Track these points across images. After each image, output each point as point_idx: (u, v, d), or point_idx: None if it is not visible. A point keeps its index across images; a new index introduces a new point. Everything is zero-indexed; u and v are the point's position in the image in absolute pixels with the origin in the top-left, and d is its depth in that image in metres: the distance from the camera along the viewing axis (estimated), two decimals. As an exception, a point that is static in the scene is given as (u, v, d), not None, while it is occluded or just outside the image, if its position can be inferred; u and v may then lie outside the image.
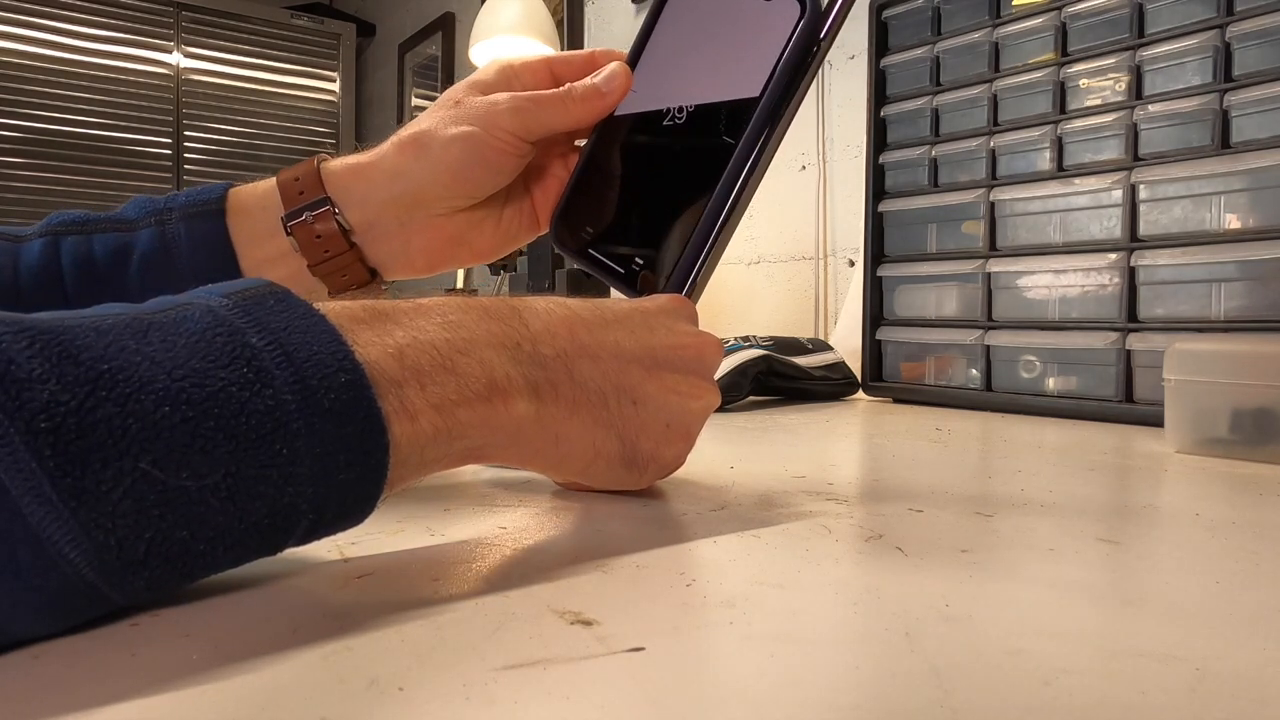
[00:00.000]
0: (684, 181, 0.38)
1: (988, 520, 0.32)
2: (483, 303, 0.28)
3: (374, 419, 0.22)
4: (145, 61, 2.88)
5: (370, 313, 0.25)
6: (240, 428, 0.20)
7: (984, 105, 0.81)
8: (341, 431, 0.21)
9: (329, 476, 0.21)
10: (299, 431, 0.21)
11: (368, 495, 0.23)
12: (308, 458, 0.21)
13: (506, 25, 1.65)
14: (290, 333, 0.22)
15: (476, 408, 0.25)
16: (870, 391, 0.90)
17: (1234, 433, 0.49)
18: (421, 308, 0.27)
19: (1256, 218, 0.64)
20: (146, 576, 0.19)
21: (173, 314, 0.21)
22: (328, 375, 0.21)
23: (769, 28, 0.36)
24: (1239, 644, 0.20)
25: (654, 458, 0.32)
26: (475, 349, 0.26)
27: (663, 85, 0.38)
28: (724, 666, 0.18)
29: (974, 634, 0.20)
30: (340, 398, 0.21)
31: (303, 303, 0.23)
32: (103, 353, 0.19)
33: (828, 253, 1.36)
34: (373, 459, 0.22)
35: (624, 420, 0.30)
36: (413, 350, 0.24)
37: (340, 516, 0.23)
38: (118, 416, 0.18)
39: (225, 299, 0.22)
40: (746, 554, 0.27)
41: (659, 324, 0.33)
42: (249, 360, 0.20)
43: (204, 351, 0.20)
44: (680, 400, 0.32)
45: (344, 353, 0.22)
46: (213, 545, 0.20)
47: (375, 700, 0.16)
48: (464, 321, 0.27)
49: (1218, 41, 0.65)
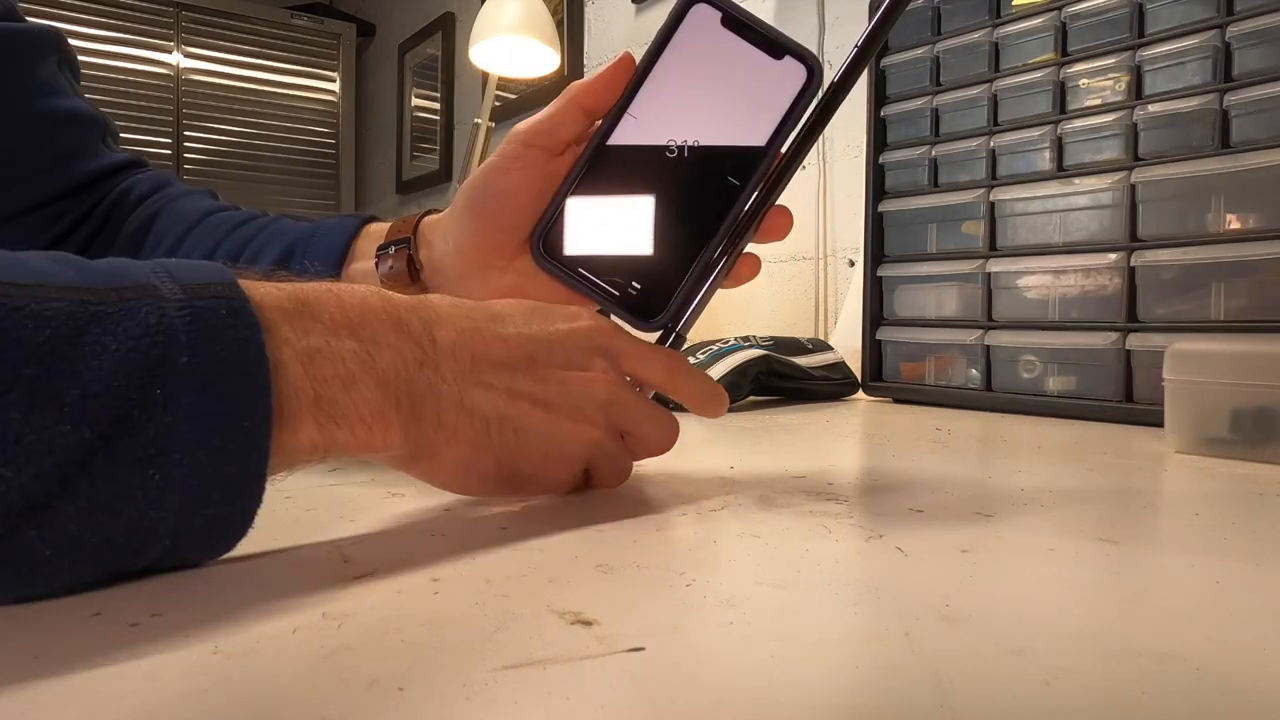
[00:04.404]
0: (685, 214, 0.38)
1: (988, 520, 0.32)
2: (399, 312, 0.29)
3: (259, 467, 0.23)
4: (145, 61, 2.88)
5: (297, 304, 0.26)
6: (123, 449, 0.20)
7: (984, 105, 0.81)
8: (222, 471, 0.22)
9: (196, 509, 0.22)
10: (179, 462, 0.21)
11: (233, 532, 0.24)
12: (179, 488, 0.21)
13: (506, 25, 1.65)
14: (220, 361, 0.22)
15: (356, 431, 0.26)
16: (870, 391, 0.90)
17: (1234, 433, 0.49)
18: (342, 303, 0.27)
19: (1256, 218, 0.64)
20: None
21: (119, 306, 0.21)
22: (235, 416, 0.22)
23: (775, 84, 0.37)
24: (1239, 644, 0.20)
25: (532, 478, 0.33)
26: (376, 365, 0.27)
27: (664, 117, 0.38)
28: (724, 666, 0.18)
29: (974, 634, 0.20)
30: (236, 442, 0.22)
31: (250, 320, 0.23)
32: (33, 352, 0.19)
33: (828, 253, 1.36)
34: (245, 500, 0.23)
35: (503, 446, 0.31)
36: (322, 357, 0.25)
37: (201, 546, 0.23)
38: (15, 423, 0.19)
39: (182, 293, 0.23)
40: (746, 554, 0.27)
41: (570, 354, 0.33)
42: (166, 380, 0.21)
43: (129, 369, 0.21)
44: (563, 433, 0.32)
45: (261, 392, 0.23)
46: (60, 553, 0.20)
47: (375, 700, 0.16)
48: (377, 333, 0.28)
49: (1218, 41, 0.65)
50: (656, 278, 0.38)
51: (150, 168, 0.59)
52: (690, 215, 0.38)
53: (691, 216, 0.38)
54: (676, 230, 0.38)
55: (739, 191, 0.38)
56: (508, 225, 0.41)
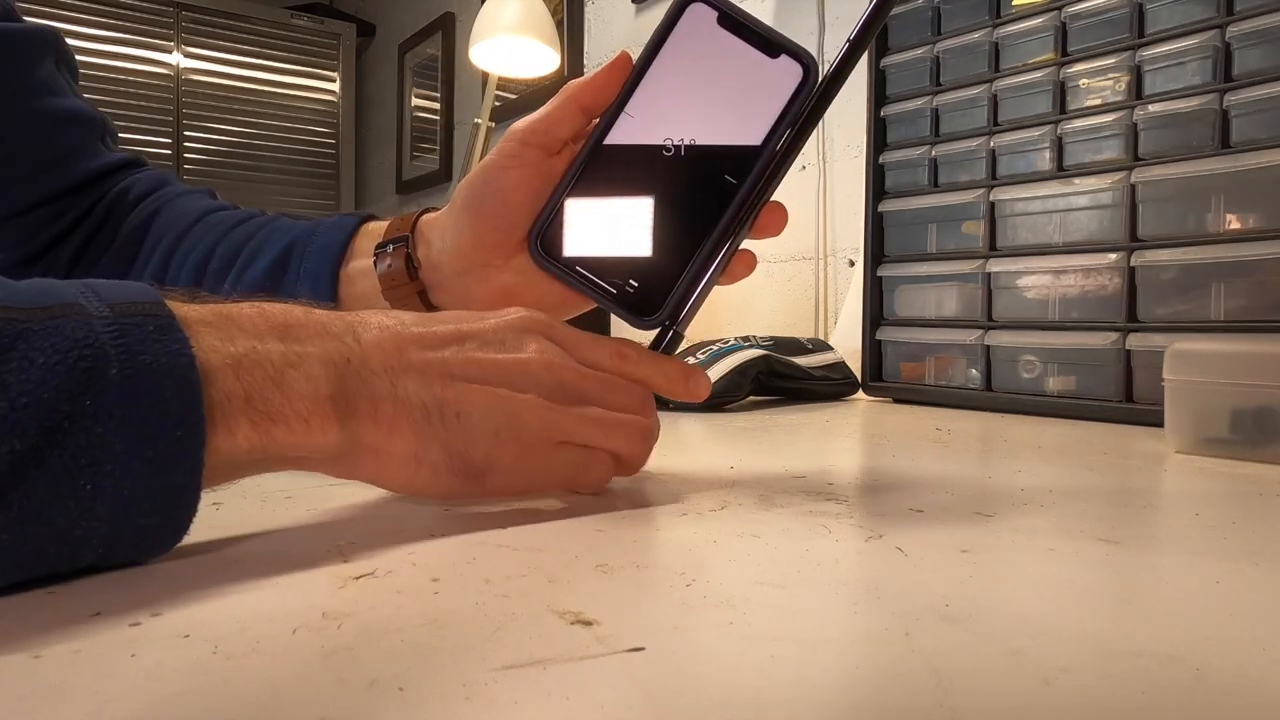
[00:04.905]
0: (682, 212, 0.38)
1: (988, 520, 0.32)
2: (321, 317, 0.29)
3: (193, 476, 0.23)
4: (145, 61, 2.88)
5: (220, 317, 0.26)
6: (54, 460, 0.21)
7: (984, 105, 0.81)
8: (155, 481, 0.22)
9: (129, 519, 0.22)
10: (110, 473, 0.21)
11: (167, 540, 0.24)
12: (111, 498, 0.22)
13: (506, 25, 1.65)
14: (150, 372, 0.22)
15: (294, 426, 0.26)
16: (870, 391, 0.90)
17: (1234, 433, 0.49)
18: (265, 313, 0.28)
19: (1256, 218, 0.64)
20: None
21: (47, 324, 0.22)
22: (167, 425, 0.22)
23: (772, 82, 0.37)
24: (1239, 644, 0.20)
25: (491, 465, 0.31)
26: (306, 363, 0.27)
27: (661, 116, 0.39)
28: (724, 666, 0.18)
29: (974, 634, 0.20)
30: (168, 451, 0.22)
31: (178, 335, 0.24)
32: None
33: (828, 253, 1.36)
34: (179, 509, 0.23)
35: (449, 432, 0.30)
36: (249, 361, 0.26)
37: (134, 552, 0.24)
38: None
39: (110, 311, 0.23)
40: (746, 554, 0.27)
41: (503, 339, 0.33)
42: (98, 394, 0.21)
43: (57, 381, 0.21)
44: (509, 406, 0.31)
45: (193, 400, 0.23)
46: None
47: (375, 700, 0.16)
48: (302, 336, 0.28)
49: (1218, 41, 0.65)
50: (654, 275, 0.38)
51: (149, 167, 0.59)
52: (687, 213, 0.38)
53: (688, 214, 0.38)
54: (673, 228, 0.38)
55: (735, 189, 0.38)
56: (505, 223, 0.40)
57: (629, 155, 0.39)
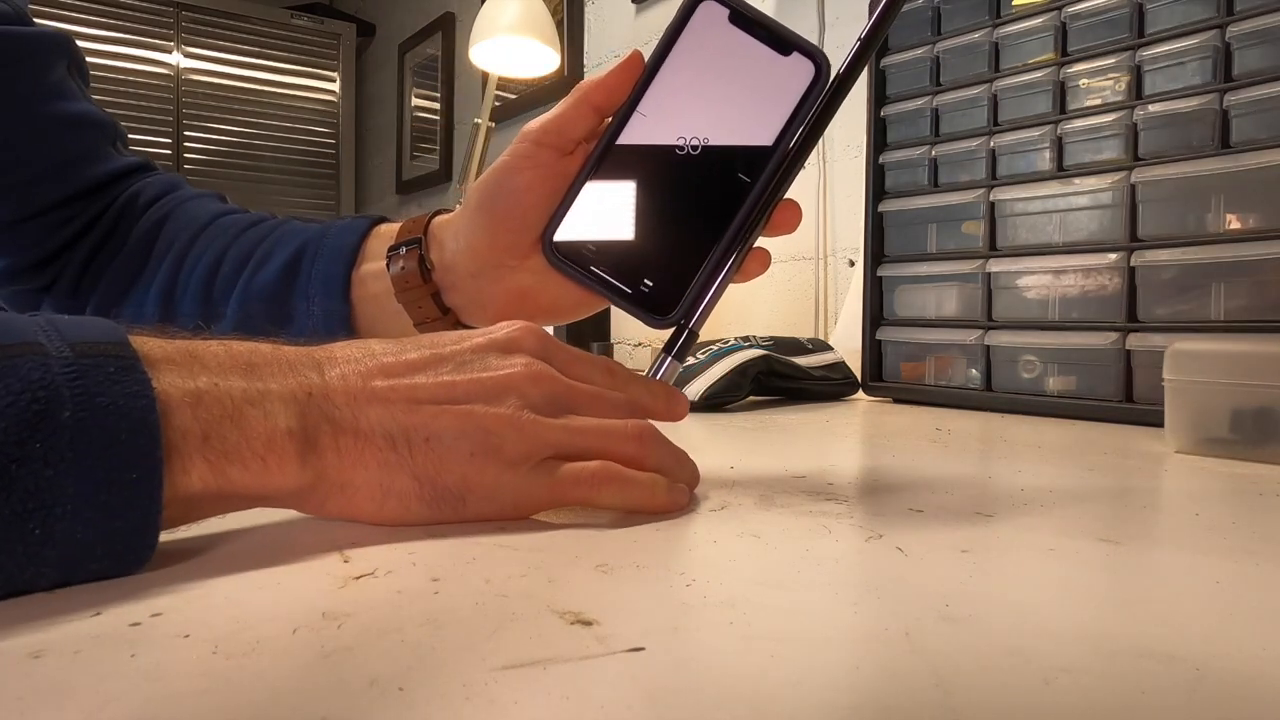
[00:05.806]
0: (696, 210, 0.38)
1: (988, 520, 0.32)
2: (287, 354, 0.29)
3: (148, 519, 0.23)
4: (145, 61, 2.88)
5: (184, 354, 0.26)
6: (3, 504, 0.20)
7: (984, 105, 0.81)
8: (108, 526, 0.22)
9: (79, 564, 0.22)
10: (60, 516, 0.21)
11: (118, 574, 0.23)
12: (60, 543, 0.21)
13: (506, 25, 1.65)
14: (106, 414, 0.22)
15: (250, 466, 0.26)
16: (870, 391, 0.90)
17: (1234, 433, 0.49)
18: (231, 351, 0.28)
19: (1256, 218, 0.64)
20: None
21: (3, 364, 0.21)
22: (120, 469, 0.22)
23: (784, 80, 0.38)
24: (1239, 644, 0.20)
25: (469, 489, 0.30)
26: (266, 400, 0.27)
27: (673, 114, 0.39)
28: (724, 666, 0.18)
29: (974, 634, 0.20)
30: (121, 496, 0.22)
31: (139, 376, 0.23)
32: None
33: (828, 253, 1.36)
34: (132, 554, 0.23)
35: (417, 459, 0.29)
36: (209, 398, 0.25)
37: (90, 579, 0.23)
38: None
39: (70, 351, 0.23)
40: (746, 554, 0.27)
41: (485, 357, 0.32)
42: (48, 436, 0.21)
43: (5, 424, 0.21)
44: (483, 422, 0.30)
45: (151, 443, 0.23)
46: None
47: (375, 700, 0.16)
48: (265, 373, 0.28)
49: (1218, 41, 0.65)
50: (669, 274, 0.38)
51: (159, 171, 0.59)
52: (701, 211, 0.38)
53: (702, 213, 0.38)
54: (687, 227, 0.38)
55: (749, 187, 0.38)
56: (519, 224, 0.40)
57: (642, 154, 0.39)
